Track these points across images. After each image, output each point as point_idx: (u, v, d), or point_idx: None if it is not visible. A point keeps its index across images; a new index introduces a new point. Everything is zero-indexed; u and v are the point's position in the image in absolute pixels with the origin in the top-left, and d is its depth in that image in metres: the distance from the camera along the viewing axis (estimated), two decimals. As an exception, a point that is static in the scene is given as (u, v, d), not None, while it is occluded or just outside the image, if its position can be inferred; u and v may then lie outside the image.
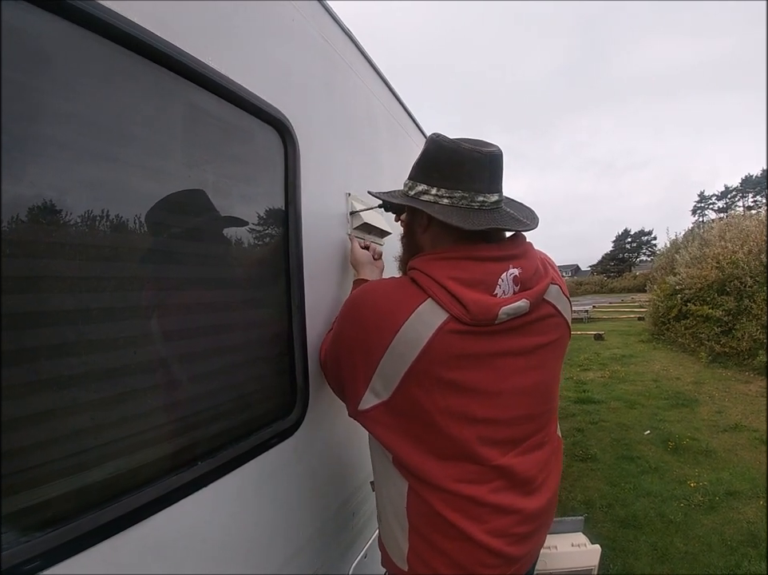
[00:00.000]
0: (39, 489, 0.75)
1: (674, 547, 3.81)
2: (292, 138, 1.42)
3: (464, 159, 1.17)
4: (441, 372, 1.11)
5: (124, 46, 0.90)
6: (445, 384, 1.12)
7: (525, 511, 1.25)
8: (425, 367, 1.10)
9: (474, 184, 1.18)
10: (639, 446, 6.08)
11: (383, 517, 1.36)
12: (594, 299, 42.38)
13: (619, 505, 4.52)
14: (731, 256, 11.96)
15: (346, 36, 1.89)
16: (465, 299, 1.08)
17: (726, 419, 7.00)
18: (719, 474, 5.09)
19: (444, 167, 1.20)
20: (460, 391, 1.13)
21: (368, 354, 1.15)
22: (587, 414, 7.60)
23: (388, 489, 1.30)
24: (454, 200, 1.18)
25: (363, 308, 1.19)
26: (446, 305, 1.09)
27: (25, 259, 0.75)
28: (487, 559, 1.19)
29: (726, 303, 11.56)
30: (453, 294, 1.09)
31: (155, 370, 0.99)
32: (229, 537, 1.13)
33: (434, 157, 1.22)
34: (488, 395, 1.17)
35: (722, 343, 11.14)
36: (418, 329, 1.09)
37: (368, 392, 1.17)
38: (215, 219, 1.18)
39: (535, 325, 1.22)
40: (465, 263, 1.15)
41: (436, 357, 1.09)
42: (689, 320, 12.75)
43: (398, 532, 1.27)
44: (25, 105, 0.74)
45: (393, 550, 1.31)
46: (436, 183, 1.20)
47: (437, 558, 1.20)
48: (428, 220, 1.25)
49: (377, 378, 1.14)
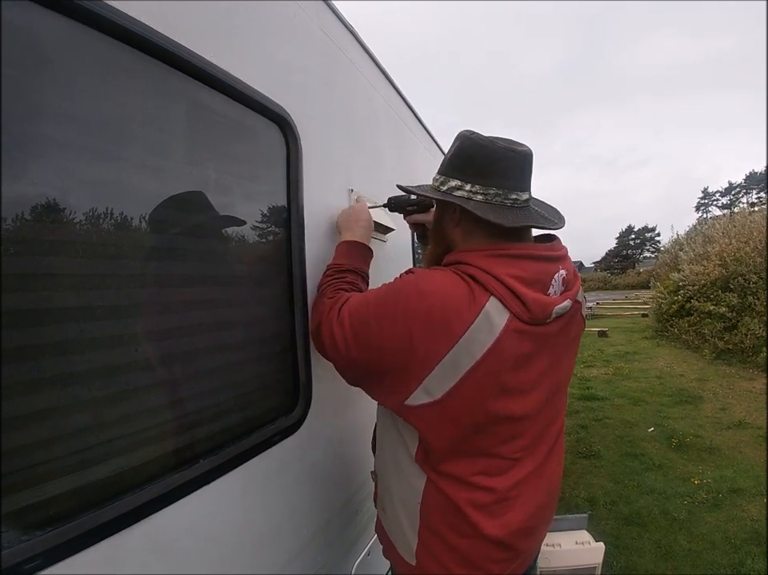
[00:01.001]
0: (41, 488, 0.75)
1: (677, 544, 3.81)
2: (294, 134, 1.41)
3: (499, 157, 1.19)
4: (501, 373, 1.11)
5: (127, 44, 0.90)
6: (501, 386, 1.12)
7: (536, 502, 1.27)
8: (489, 368, 1.09)
9: (508, 181, 1.20)
10: (643, 443, 6.07)
11: (389, 509, 1.36)
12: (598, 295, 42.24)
13: (623, 502, 4.52)
14: (735, 253, 11.92)
15: (347, 31, 1.88)
16: (526, 298, 1.09)
17: (730, 416, 6.99)
18: (723, 472, 5.08)
19: (479, 164, 1.21)
20: (509, 393, 1.14)
21: (429, 351, 1.09)
22: (591, 410, 7.59)
23: (399, 484, 1.30)
24: (488, 196, 1.19)
25: (430, 300, 1.11)
26: (508, 303, 1.09)
27: (31, 257, 0.75)
28: (496, 554, 1.22)
29: (729, 300, 11.53)
30: (514, 292, 1.09)
31: (157, 368, 0.99)
32: (232, 535, 1.13)
33: (469, 154, 1.23)
34: (527, 393, 1.18)
35: (726, 339, 11.11)
36: (484, 329, 1.08)
37: (419, 389, 1.11)
38: (216, 217, 1.18)
39: (568, 323, 1.25)
40: (524, 261, 1.16)
41: (500, 357, 1.09)
42: (693, 317, 12.72)
43: (407, 526, 1.28)
44: (28, 104, 0.74)
45: (400, 543, 1.32)
46: (470, 179, 1.21)
47: (446, 554, 1.22)
48: (459, 215, 1.27)
49: (433, 377, 1.10)
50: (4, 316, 0.69)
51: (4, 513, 0.69)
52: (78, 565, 0.76)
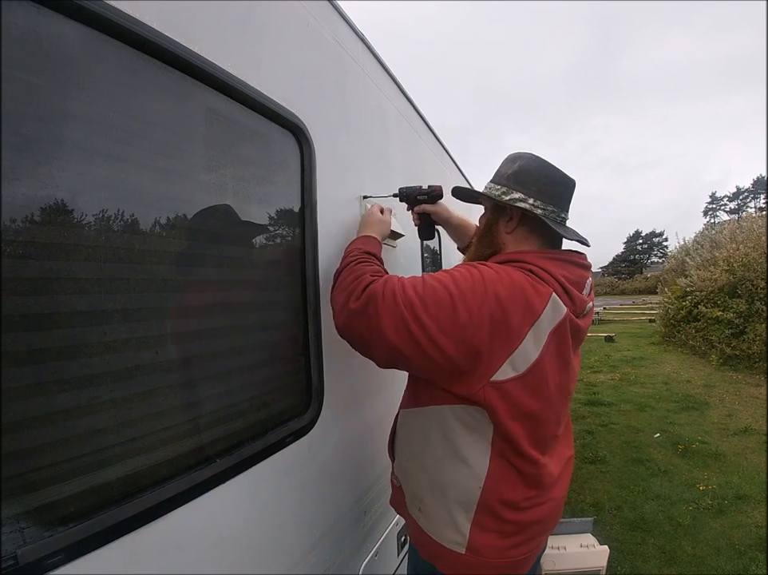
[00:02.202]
0: (62, 485, 0.78)
1: (682, 550, 3.80)
2: (308, 142, 1.44)
3: (559, 181, 1.41)
4: (564, 352, 1.32)
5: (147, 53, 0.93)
6: (566, 361, 1.33)
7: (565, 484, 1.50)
8: (558, 347, 1.29)
9: (562, 202, 1.41)
10: (649, 449, 6.05)
11: (432, 507, 1.39)
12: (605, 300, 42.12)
13: (628, 507, 4.51)
14: (743, 258, 11.84)
15: (358, 39, 1.91)
16: (573, 294, 1.31)
17: (737, 422, 6.95)
18: (728, 478, 5.05)
19: (542, 183, 1.38)
20: (566, 371, 1.35)
21: (517, 328, 1.21)
22: (597, 416, 7.57)
23: (450, 475, 1.34)
24: (546, 212, 1.37)
25: (514, 284, 1.23)
26: (561, 297, 1.28)
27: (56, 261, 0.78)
28: (536, 529, 1.38)
29: (737, 306, 11.46)
30: (565, 289, 1.30)
31: (175, 370, 1.02)
32: (244, 534, 1.16)
33: (535, 172, 1.40)
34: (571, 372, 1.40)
35: (733, 345, 11.04)
36: (551, 312, 1.26)
37: (506, 364, 1.22)
38: (236, 223, 1.20)
39: (583, 320, 1.43)
40: (570, 265, 1.37)
41: (564, 338, 1.30)
42: (700, 323, 12.63)
43: (459, 516, 1.33)
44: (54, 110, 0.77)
45: (450, 536, 1.34)
46: (532, 194, 1.37)
47: (501, 529, 1.32)
48: (516, 223, 1.43)
49: (519, 352, 1.22)
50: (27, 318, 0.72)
51: (27, 511, 0.72)
52: (98, 562, 0.79)
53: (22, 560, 0.68)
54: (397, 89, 2.45)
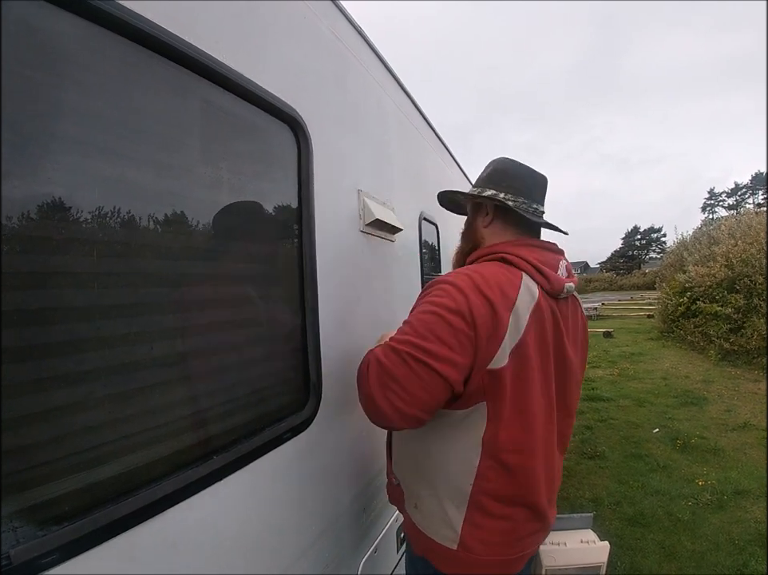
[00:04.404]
0: (56, 484, 0.77)
1: (681, 545, 3.81)
2: (305, 135, 1.42)
3: (528, 175, 1.55)
4: (546, 332, 1.36)
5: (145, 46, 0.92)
6: (546, 343, 1.37)
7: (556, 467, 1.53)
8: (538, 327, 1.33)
9: (533, 194, 1.53)
10: (648, 444, 6.06)
11: (427, 503, 1.43)
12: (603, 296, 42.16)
13: (627, 503, 4.52)
14: (741, 254, 11.86)
15: (357, 33, 1.89)
16: (547, 274, 1.38)
17: (735, 418, 6.97)
18: (727, 473, 5.07)
19: (510, 178, 1.53)
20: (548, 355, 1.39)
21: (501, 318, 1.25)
22: (596, 411, 7.58)
23: (443, 472, 1.39)
24: (518, 203, 1.49)
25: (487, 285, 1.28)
26: (535, 277, 1.37)
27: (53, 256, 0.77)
28: (533, 525, 1.42)
29: (735, 301, 11.47)
30: (539, 270, 1.37)
31: (170, 366, 1.00)
32: (242, 531, 1.15)
33: (503, 171, 1.56)
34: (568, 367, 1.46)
35: (732, 341, 11.06)
36: (527, 294, 1.32)
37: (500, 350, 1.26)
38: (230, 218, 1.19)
39: (574, 312, 1.53)
40: (540, 250, 1.47)
41: (542, 315, 1.34)
42: (698, 318, 12.65)
43: (452, 511, 1.36)
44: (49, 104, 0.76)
45: (443, 532, 1.38)
46: (503, 189, 1.51)
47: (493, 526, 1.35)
48: (491, 218, 1.56)
49: (507, 339, 1.27)
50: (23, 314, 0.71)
51: (20, 509, 0.70)
52: (93, 561, 0.78)
53: (16, 559, 0.67)
54: (397, 86, 2.44)
